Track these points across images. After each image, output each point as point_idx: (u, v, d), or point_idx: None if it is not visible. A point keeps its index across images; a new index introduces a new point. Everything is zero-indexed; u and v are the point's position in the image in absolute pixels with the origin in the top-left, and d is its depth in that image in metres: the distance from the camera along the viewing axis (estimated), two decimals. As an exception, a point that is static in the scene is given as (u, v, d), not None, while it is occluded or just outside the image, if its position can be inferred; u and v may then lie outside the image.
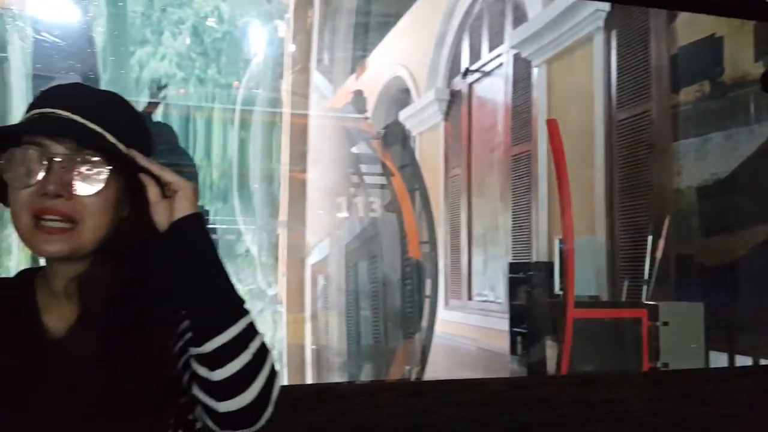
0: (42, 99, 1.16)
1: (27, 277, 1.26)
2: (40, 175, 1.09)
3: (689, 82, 4.63)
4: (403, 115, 8.06)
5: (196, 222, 1.09)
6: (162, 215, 1.08)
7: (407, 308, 5.96)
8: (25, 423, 1.08)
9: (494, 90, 6.82)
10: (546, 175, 5.51)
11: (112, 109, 1.18)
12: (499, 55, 6.64)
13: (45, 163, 1.09)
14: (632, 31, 4.87)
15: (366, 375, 5.94)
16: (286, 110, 7.19)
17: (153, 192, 1.10)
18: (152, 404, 1.08)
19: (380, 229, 6.23)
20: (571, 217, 3.99)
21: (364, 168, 6.42)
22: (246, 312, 1.02)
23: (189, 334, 1.05)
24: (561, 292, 4.70)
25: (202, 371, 0.99)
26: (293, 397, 1.67)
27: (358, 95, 6.94)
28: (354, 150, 6.67)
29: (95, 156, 1.10)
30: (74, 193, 1.09)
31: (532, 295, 4.41)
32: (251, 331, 1.01)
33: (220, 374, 0.98)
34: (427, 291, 5.88)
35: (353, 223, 6.46)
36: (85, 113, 1.12)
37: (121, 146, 1.13)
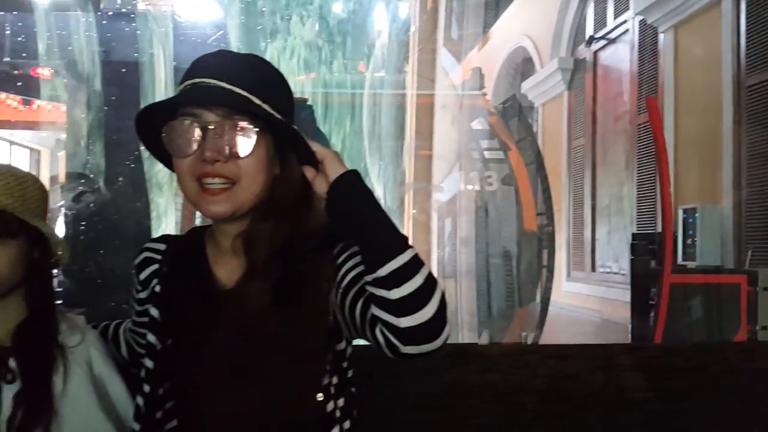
0: (192, 70, 1.21)
1: (197, 234, 1.35)
2: (197, 143, 1.14)
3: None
4: (526, 86, 8.00)
5: (354, 175, 1.13)
6: (321, 186, 1.14)
7: (524, 277, 6.05)
8: (200, 365, 1.15)
9: (619, 58, 6.65)
10: (673, 143, 5.40)
11: (255, 72, 1.21)
12: (624, 22, 6.47)
13: (200, 131, 1.14)
14: (762, -7, 4.65)
15: (484, 340, 6.08)
16: (411, 91, 7.36)
17: (309, 171, 1.17)
18: (313, 349, 1.14)
19: (498, 202, 6.35)
20: (669, 193, 3.95)
21: (483, 143, 6.51)
22: (411, 246, 1.04)
23: (350, 277, 1.10)
24: (684, 262, 4.67)
25: (380, 292, 1.01)
26: (437, 355, 1.75)
27: (476, 72, 7.01)
28: (473, 125, 6.78)
29: (244, 119, 1.14)
30: (229, 156, 1.14)
31: (653, 266, 4.38)
32: (419, 260, 1.03)
33: (396, 293, 1.00)
34: (544, 261, 5.93)
35: (472, 196, 6.59)
36: (231, 79, 1.16)
37: (266, 107, 1.17)
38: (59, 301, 1.53)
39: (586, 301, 6.63)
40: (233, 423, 1.13)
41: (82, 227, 4.16)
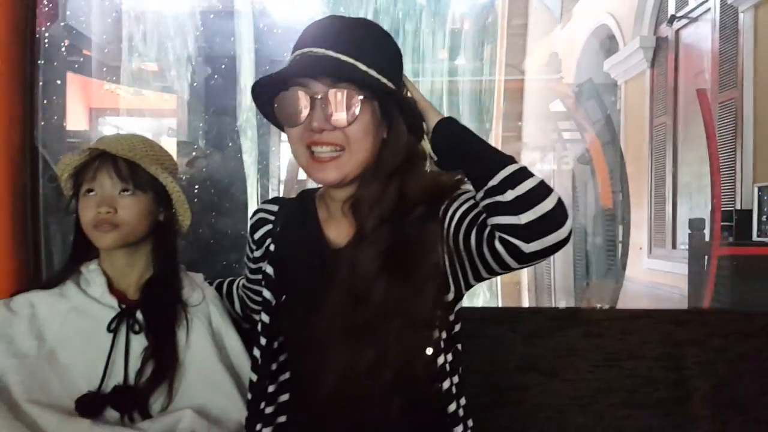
0: (301, 39, 1.20)
1: (307, 196, 1.36)
2: (306, 113, 1.15)
3: None
4: (608, 64, 7.92)
5: (452, 120, 1.17)
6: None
7: (599, 252, 6.14)
8: (314, 321, 1.16)
9: (701, 37, 6.58)
10: (752, 122, 5.39)
11: (363, 37, 1.19)
12: (705, 1, 6.41)
13: (308, 101, 1.14)
14: None
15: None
16: (499, 77, 7.41)
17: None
18: (424, 312, 1.13)
19: (576, 181, 6.44)
20: (718, 181, 4.01)
21: (561, 125, 6.60)
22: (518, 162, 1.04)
23: (459, 214, 1.10)
24: (760, 238, 4.71)
25: (495, 198, 1.01)
26: (541, 319, 1.72)
27: (555, 57, 7.07)
28: (551, 107, 6.87)
29: (349, 87, 1.14)
30: (335, 124, 1.14)
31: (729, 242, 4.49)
32: (528, 171, 1.02)
33: (511, 194, 0.99)
34: (619, 237, 5.99)
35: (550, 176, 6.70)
36: (337, 47, 1.15)
37: (373, 72, 1.15)
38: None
39: (666, 278, 6.61)
40: (345, 377, 1.13)
41: (196, 191, 4.25)
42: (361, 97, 1.15)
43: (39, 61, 1.93)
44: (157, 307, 1.46)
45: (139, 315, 1.45)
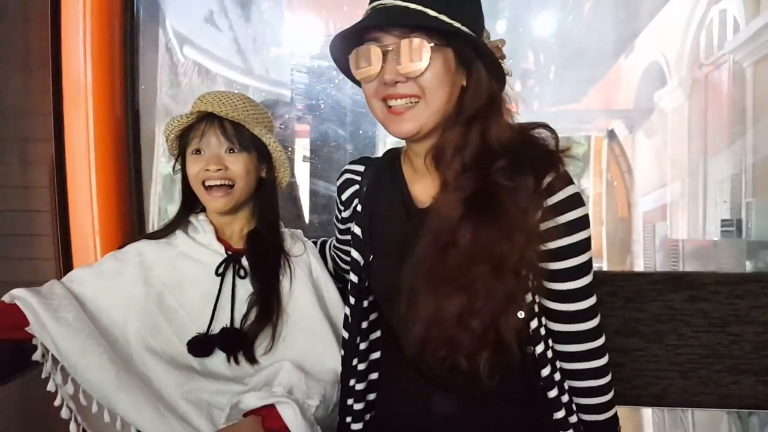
0: None
1: (392, 155, 1.37)
2: (379, 67, 1.14)
3: None
4: (657, 95, 7.85)
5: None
6: None
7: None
8: (402, 277, 1.16)
9: (722, 80, 6.42)
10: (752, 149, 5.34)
11: None
12: (724, 54, 6.29)
13: (379, 54, 1.14)
14: None
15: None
16: None
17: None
18: (511, 260, 1.10)
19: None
20: None
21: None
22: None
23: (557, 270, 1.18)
24: None
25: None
26: (644, 282, 1.66)
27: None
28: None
29: (418, 36, 1.12)
30: (407, 75, 1.14)
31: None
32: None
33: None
34: None
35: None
36: None
37: (444, 17, 1.12)
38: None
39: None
40: (434, 326, 1.12)
41: (289, 152, 4.31)
42: (431, 44, 1.12)
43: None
44: (262, 255, 1.51)
45: (244, 261, 1.50)
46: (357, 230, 1.33)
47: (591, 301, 1.22)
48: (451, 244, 1.11)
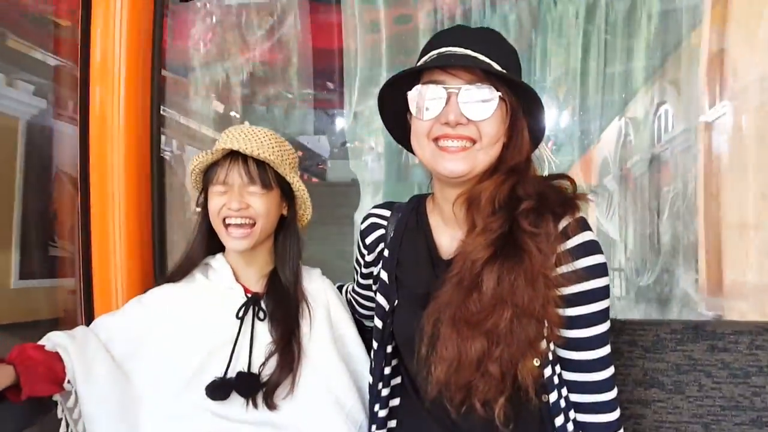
0: (434, 42, 1.25)
1: (419, 202, 1.40)
2: (440, 107, 1.18)
3: None
4: (666, 137, 7.88)
5: None
6: None
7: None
8: (425, 323, 1.17)
9: (726, 128, 6.47)
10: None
11: (494, 42, 1.23)
12: (723, 107, 6.30)
13: (445, 95, 1.18)
14: None
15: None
16: None
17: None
18: (532, 304, 1.12)
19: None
20: None
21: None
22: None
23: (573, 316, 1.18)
24: None
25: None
26: (663, 331, 1.65)
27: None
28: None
29: (488, 84, 1.17)
30: (471, 118, 1.17)
31: None
32: None
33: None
34: None
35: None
36: (473, 47, 1.19)
37: (504, 73, 1.18)
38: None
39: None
40: (454, 371, 1.14)
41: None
42: (499, 93, 1.17)
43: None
44: (282, 298, 1.51)
45: (263, 304, 1.50)
46: (384, 275, 1.34)
47: (604, 350, 1.22)
48: (475, 288, 1.13)
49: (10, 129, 2.31)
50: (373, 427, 1.33)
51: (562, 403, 1.22)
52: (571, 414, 1.24)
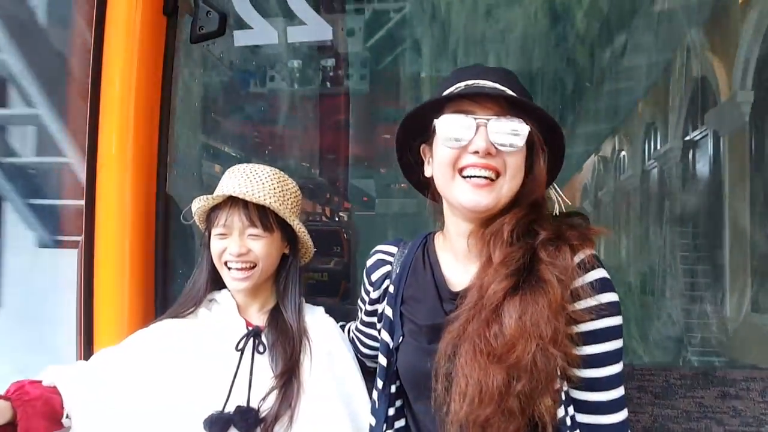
0: (459, 75, 1.26)
1: (428, 239, 1.39)
2: (469, 136, 1.18)
3: None
4: (657, 151, 7.91)
5: None
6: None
7: None
8: (433, 362, 1.16)
9: (708, 148, 6.51)
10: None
11: (512, 80, 1.25)
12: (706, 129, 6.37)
13: (474, 125, 1.18)
14: None
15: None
16: None
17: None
18: (548, 335, 1.10)
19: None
20: None
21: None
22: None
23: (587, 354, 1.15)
24: None
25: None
26: (672, 377, 1.63)
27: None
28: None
29: (517, 117, 1.18)
30: (501, 149, 1.18)
31: None
32: None
33: None
34: None
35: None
36: (500, 82, 1.21)
37: (538, 107, 1.20)
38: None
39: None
40: (476, 409, 1.10)
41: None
42: (529, 127, 1.18)
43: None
44: (283, 332, 1.50)
45: (263, 338, 1.50)
46: (389, 311, 1.33)
47: (618, 392, 1.18)
48: (495, 320, 1.12)
49: None
50: None
51: None
52: None
